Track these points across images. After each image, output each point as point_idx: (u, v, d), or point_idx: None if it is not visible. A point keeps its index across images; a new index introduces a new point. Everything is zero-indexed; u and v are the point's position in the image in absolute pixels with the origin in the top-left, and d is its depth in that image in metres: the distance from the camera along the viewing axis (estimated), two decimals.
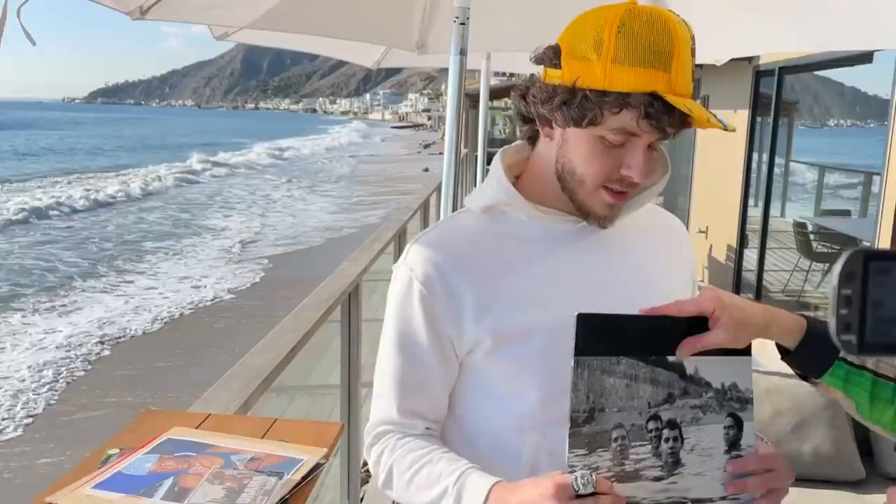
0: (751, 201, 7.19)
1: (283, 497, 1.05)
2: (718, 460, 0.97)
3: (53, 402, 7.36)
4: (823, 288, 6.48)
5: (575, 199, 1.08)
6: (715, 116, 0.99)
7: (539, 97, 1.06)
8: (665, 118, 0.97)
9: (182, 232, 18.70)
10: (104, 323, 10.06)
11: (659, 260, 1.18)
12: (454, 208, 1.90)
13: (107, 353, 8.96)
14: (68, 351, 8.93)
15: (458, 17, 1.68)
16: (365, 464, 3.90)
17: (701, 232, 8.29)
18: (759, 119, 7.03)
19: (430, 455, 1.07)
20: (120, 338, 9.49)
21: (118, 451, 1.18)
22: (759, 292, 6.75)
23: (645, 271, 1.15)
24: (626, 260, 1.14)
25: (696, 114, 0.96)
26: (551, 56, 1.05)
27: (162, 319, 10.27)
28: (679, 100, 0.96)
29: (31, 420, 6.96)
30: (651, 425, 0.93)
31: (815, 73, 6.85)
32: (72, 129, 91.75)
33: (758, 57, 6.64)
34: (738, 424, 0.99)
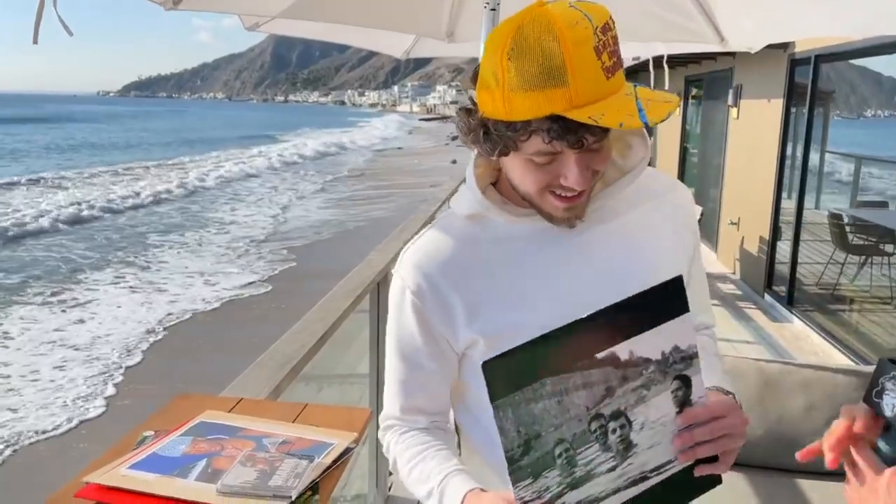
0: (784, 193, 7.07)
1: (314, 480, 1.06)
2: (671, 425, 0.94)
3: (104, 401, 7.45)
4: (859, 281, 6.35)
5: (534, 206, 1.09)
6: (641, 112, 0.92)
7: (461, 128, 1.05)
8: (572, 136, 0.94)
9: (190, 224, 18.91)
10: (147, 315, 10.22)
11: (648, 244, 1.15)
12: None
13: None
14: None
15: (488, 3, 1.68)
16: None
17: (732, 224, 8.17)
18: (793, 109, 6.89)
19: (426, 452, 1.14)
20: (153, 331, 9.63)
21: (153, 433, 1.20)
22: (793, 285, 6.64)
23: (629, 261, 1.13)
24: (609, 252, 1.13)
25: (606, 120, 0.90)
26: (473, 83, 1.03)
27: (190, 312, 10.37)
28: (581, 113, 0.91)
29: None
30: (594, 425, 0.89)
31: (852, 61, 6.69)
32: (108, 123, 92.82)
33: (793, 45, 6.52)
34: (685, 383, 0.95)
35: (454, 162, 32.27)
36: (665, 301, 0.92)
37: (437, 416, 1.21)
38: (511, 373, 0.85)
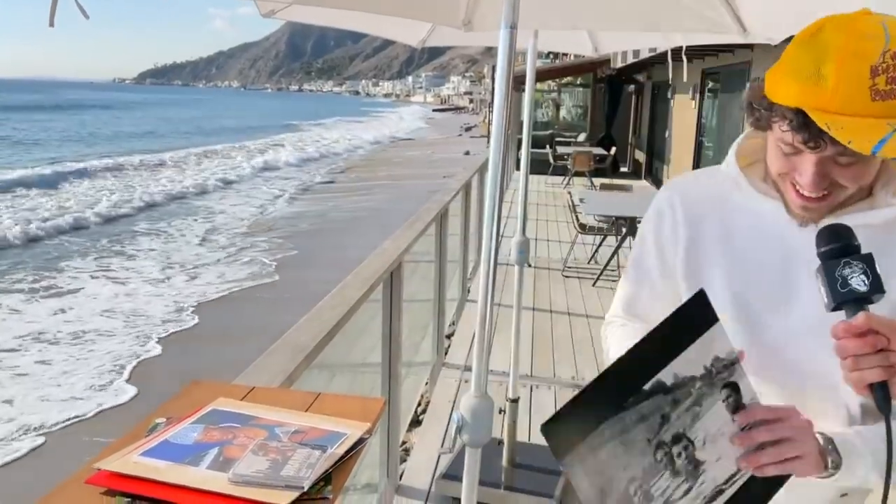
0: None
1: (327, 470, 1.04)
2: (731, 430, 0.97)
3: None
4: None
5: (778, 190, 1.14)
6: (882, 142, 0.90)
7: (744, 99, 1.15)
8: (806, 134, 0.96)
9: (183, 211, 18.84)
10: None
11: None
12: (501, 189, 1.87)
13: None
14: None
15: None
16: (404, 442, 3.93)
17: None
18: None
19: (634, 338, 1.24)
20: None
21: (164, 420, 1.19)
22: None
23: None
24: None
25: (840, 133, 0.90)
26: None
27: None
28: (823, 117, 0.92)
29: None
30: (659, 454, 0.91)
31: None
32: (136, 111, 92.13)
33: None
34: (734, 389, 0.97)
35: (467, 153, 32.23)
36: (694, 317, 0.96)
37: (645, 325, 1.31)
38: (570, 429, 0.87)
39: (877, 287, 0.91)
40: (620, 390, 0.89)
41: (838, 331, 0.93)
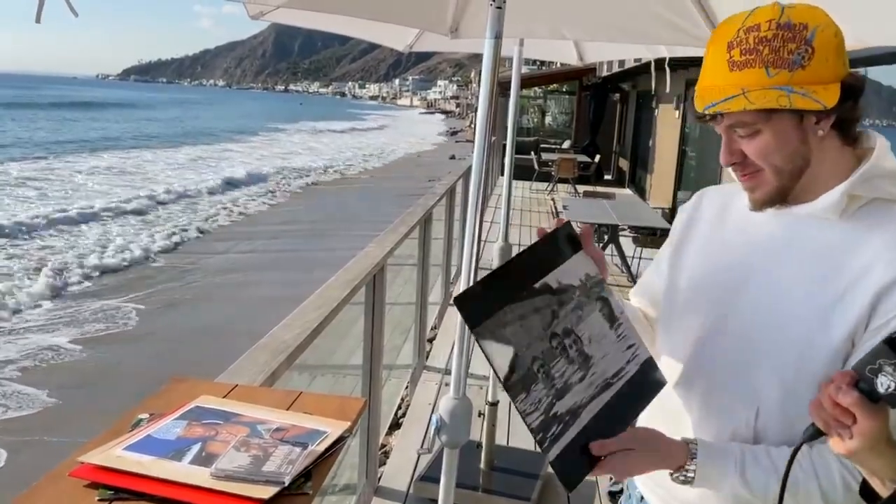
0: None
1: (307, 467, 1.07)
2: (611, 336, 1.18)
3: None
4: None
5: None
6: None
7: None
8: (692, 106, 1.10)
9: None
10: None
11: (805, 281, 1.10)
12: (484, 194, 1.90)
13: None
14: None
15: (494, 1, 1.67)
16: (384, 444, 3.95)
17: None
18: None
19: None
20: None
21: (148, 416, 1.21)
22: None
23: (779, 283, 1.13)
24: (774, 261, 1.15)
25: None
26: None
27: None
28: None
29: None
30: (554, 342, 1.09)
31: (851, 70, 6.69)
32: (141, 111, 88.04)
33: None
34: (606, 302, 1.21)
35: (453, 157, 32.29)
36: (567, 240, 1.20)
37: (644, 307, 1.44)
38: (478, 306, 1.04)
39: (891, 400, 0.87)
40: (518, 282, 1.09)
41: (832, 383, 0.90)
